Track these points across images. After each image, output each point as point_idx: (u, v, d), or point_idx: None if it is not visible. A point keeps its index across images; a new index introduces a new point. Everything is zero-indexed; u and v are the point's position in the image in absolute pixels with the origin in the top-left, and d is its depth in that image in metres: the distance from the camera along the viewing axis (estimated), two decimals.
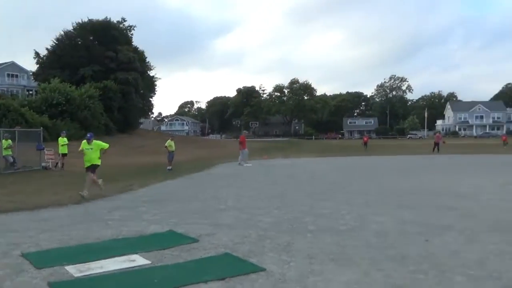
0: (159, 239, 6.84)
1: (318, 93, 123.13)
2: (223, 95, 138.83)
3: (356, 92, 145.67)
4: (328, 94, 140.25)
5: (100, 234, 7.13)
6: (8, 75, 67.00)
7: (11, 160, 18.40)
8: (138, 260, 5.67)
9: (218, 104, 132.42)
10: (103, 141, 12.12)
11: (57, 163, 20.05)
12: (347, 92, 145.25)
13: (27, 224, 8.01)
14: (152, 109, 70.46)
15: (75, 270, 5.21)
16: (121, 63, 51.90)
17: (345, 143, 69.50)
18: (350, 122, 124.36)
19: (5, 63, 69.11)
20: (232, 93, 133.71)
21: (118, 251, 6.07)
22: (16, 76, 67.79)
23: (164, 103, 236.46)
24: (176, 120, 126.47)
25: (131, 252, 6.00)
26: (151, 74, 60.04)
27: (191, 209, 9.65)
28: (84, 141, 11.65)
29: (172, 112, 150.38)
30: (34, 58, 54.22)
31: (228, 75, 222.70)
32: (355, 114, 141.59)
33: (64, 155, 20.02)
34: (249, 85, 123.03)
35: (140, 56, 55.78)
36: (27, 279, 4.93)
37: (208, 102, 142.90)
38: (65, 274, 5.10)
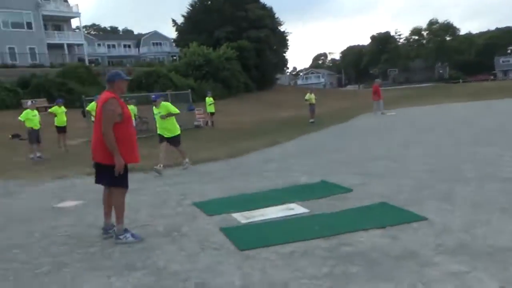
0: (313, 189, 7.03)
1: (462, 32, 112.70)
2: (357, 44, 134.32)
3: (507, 27, 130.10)
4: (473, 32, 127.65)
5: (258, 185, 7.56)
6: (153, 43, 72.35)
7: None
8: (296, 209, 5.92)
9: (353, 54, 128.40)
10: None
11: (207, 122, 21.49)
12: (496, 28, 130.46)
13: (192, 177, 8.80)
14: (286, 64, 71.18)
15: (241, 217, 5.64)
16: (252, 22, 52.89)
17: (499, 85, 63.07)
18: (503, 61, 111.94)
19: (149, 32, 74.71)
20: (366, 41, 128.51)
21: (277, 200, 6.39)
22: (160, 44, 72.87)
23: (297, 57, 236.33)
24: (311, 73, 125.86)
25: (289, 201, 6.28)
26: (281, 30, 60.42)
27: (339, 159, 9.71)
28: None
29: (307, 66, 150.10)
30: (173, 26, 58.40)
31: (360, 22, 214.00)
32: (508, 51, 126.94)
33: (212, 114, 21.36)
34: (383, 31, 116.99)
35: (268, 13, 56.26)
36: (201, 224, 5.46)
37: (342, 53, 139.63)
38: (233, 221, 5.54)
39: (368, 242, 4.44)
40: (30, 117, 12.98)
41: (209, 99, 21.37)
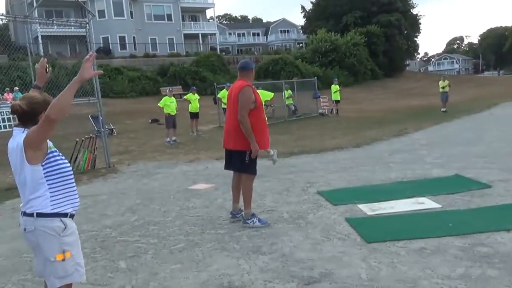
0: (445, 183, 6.61)
1: None
2: (499, 26, 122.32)
3: None
4: None
5: (384, 176, 7.32)
6: (281, 31, 73.16)
7: (293, 108, 20.48)
8: (427, 203, 5.61)
9: (493, 37, 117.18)
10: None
11: (332, 110, 21.29)
12: None
13: (316, 165, 8.79)
14: (417, 49, 67.54)
15: (367, 209, 5.50)
16: (382, 6, 51.06)
17: None
18: None
19: (278, 20, 75.74)
20: (511, 22, 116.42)
21: (406, 193, 6.12)
22: (287, 31, 73.43)
23: (429, 42, 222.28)
24: (444, 59, 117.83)
25: (418, 194, 5.98)
26: (414, 13, 57.42)
27: (475, 152, 9.00)
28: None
29: (439, 51, 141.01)
30: (301, 12, 58.98)
31: (505, 1, 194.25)
32: None
33: (337, 101, 21.08)
34: None
35: None
36: (326, 214, 5.43)
37: (480, 36, 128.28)
38: (359, 212, 5.43)
39: (510, 244, 4.06)
40: (168, 103, 13.97)
41: (334, 87, 21.10)
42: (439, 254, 3.95)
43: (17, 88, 19.59)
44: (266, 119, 5.71)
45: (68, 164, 2.81)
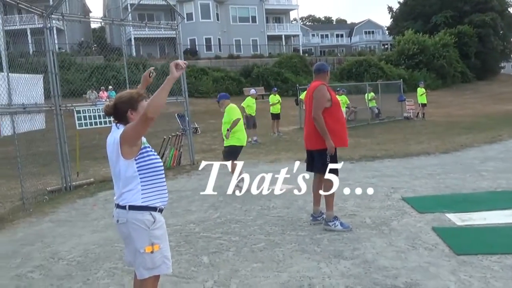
0: None
1: None
2: None
3: None
4: None
5: (475, 185, 6.89)
6: (365, 32, 71.65)
7: (376, 111, 19.95)
8: None
9: None
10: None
11: (417, 113, 20.49)
12: None
13: (401, 171, 8.47)
14: None
15: (456, 219, 5.21)
16: (476, 4, 48.33)
17: None
18: None
19: (362, 21, 74.30)
20: None
21: (499, 204, 5.73)
22: (372, 32, 71.78)
23: None
24: None
25: None
26: (511, 12, 53.72)
27: None
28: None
29: None
30: (388, 13, 57.35)
31: None
32: None
33: (423, 105, 20.24)
34: None
35: None
36: (411, 221, 5.22)
37: None
38: (447, 221, 5.15)
39: None
40: (250, 104, 14.17)
41: (420, 90, 20.27)
42: None
43: (111, 87, 20.87)
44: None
45: (160, 160, 2.93)
